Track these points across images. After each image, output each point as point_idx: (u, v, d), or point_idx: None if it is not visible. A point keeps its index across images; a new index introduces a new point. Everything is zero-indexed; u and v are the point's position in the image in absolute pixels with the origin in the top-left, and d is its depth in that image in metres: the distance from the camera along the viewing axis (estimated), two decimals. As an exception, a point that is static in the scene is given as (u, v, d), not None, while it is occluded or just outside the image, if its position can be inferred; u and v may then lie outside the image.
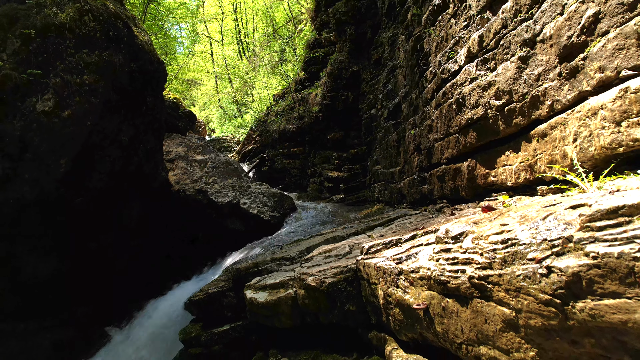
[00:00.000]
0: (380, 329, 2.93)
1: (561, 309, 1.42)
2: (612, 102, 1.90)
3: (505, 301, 1.64)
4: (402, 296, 2.32)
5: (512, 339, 1.64)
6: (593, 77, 2.04)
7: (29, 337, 6.41)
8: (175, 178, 10.10)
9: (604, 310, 1.30)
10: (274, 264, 4.67)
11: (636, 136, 1.77)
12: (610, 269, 1.28)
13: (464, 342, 1.90)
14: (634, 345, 1.25)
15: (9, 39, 6.14)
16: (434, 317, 2.08)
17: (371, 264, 2.72)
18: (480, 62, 3.19)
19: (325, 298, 3.24)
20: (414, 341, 2.43)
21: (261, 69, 22.66)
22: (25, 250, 6.73)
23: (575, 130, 2.18)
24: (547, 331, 1.49)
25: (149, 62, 8.06)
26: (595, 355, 1.38)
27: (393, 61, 7.87)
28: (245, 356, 4.41)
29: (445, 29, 4.19)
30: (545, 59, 2.44)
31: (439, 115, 4.08)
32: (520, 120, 2.77)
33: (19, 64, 6.07)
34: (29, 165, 6.21)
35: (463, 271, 1.89)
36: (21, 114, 5.98)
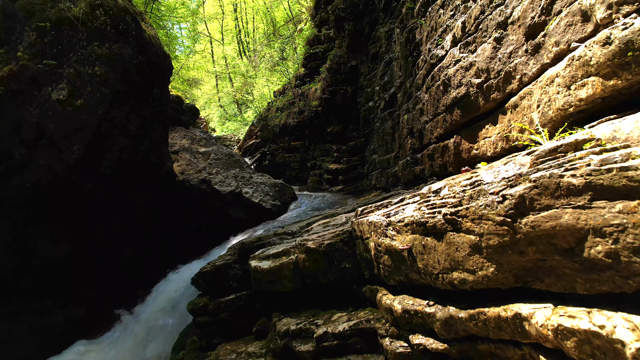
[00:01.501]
0: (372, 282, 3.28)
1: (511, 226, 1.77)
2: (563, 70, 2.25)
3: (471, 229, 1.99)
4: (390, 242, 2.67)
5: (476, 260, 2.00)
6: (551, 51, 2.39)
7: (44, 314, 6.76)
8: (179, 169, 10.45)
9: (540, 221, 1.65)
10: (277, 238, 5.02)
11: (581, 96, 2.12)
12: (544, 187, 1.63)
13: (440, 272, 2.25)
14: (561, 245, 1.60)
15: (25, 32, 6.49)
16: (416, 256, 2.43)
17: (364, 221, 3.08)
18: (463, 45, 3.53)
19: (324, 258, 3.59)
20: (400, 284, 2.78)
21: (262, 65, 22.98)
22: (40, 234, 7.08)
23: (538, 97, 2.53)
24: (502, 247, 1.84)
25: (156, 55, 8.41)
26: (536, 260, 1.73)
27: (389, 54, 8.22)
28: (250, 322, 4.75)
29: (435, 19, 4.55)
30: (515, 38, 2.79)
31: (429, 98, 4.44)
32: (496, 95, 3.12)
33: (34, 56, 6.42)
34: (44, 152, 6.56)
35: (439, 212, 2.24)
36: (37, 102, 6.33)
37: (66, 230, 7.42)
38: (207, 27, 36.26)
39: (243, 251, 4.97)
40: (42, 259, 7.11)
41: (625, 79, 1.83)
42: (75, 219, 7.51)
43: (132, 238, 8.62)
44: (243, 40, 34.68)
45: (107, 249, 8.08)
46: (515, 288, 1.90)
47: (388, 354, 2.75)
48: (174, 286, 7.21)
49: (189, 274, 7.11)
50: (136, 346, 6.55)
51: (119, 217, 8.37)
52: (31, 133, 6.34)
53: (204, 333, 5.05)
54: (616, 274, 1.45)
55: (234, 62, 31.89)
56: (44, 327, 6.66)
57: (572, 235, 1.55)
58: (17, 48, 6.49)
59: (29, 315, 6.62)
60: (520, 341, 1.85)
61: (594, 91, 2.03)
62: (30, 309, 6.72)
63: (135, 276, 8.10)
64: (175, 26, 30.42)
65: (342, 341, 3.16)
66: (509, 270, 1.86)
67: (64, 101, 6.51)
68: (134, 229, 8.70)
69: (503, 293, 1.96)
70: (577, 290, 1.62)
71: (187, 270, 7.39)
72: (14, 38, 6.55)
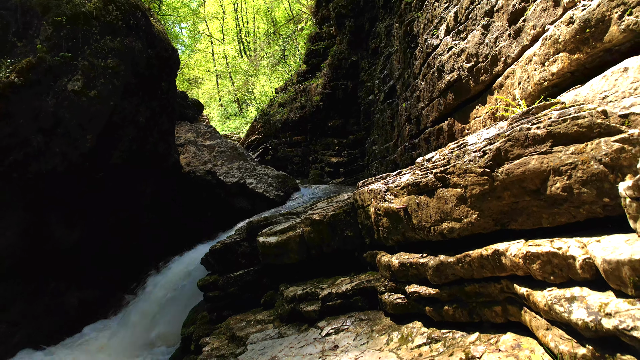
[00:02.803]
0: (372, 247, 3.61)
1: (490, 175, 2.10)
2: (539, 49, 2.57)
3: (457, 183, 2.32)
4: (389, 205, 3.00)
5: (462, 209, 2.32)
6: (529, 34, 2.71)
7: (59, 295, 7.08)
8: (185, 161, 10.78)
9: (513, 168, 1.98)
10: (282, 218, 5.35)
11: (553, 71, 2.44)
12: (516, 139, 1.96)
13: (432, 224, 2.58)
14: (530, 187, 1.93)
15: (42, 26, 6.82)
16: (411, 214, 2.76)
17: (365, 190, 3.41)
18: (455, 33, 3.86)
19: (328, 228, 3.92)
20: (398, 244, 3.11)
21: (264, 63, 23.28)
22: (54, 219, 7.40)
23: (519, 76, 2.85)
24: (483, 195, 2.17)
25: (164, 49, 8.73)
26: (510, 203, 2.06)
27: (389, 49, 8.55)
28: (258, 296, 5.07)
29: (431, 11, 4.88)
30: (500, 24, 3.11)
31: (425, 85, 4.76)
32: (485, 77, 3.44)
33: (51, 48, 6.75)
34: (60, 140, 6.88)
35: (431, 172, 2.57)
36: (54, 93, 6.66)
37: (78, 218, 7.74)
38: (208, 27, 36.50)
39: (251, 230, 5.29)
40: (55, 244, 7.43)
41: (586, 52, 2.15)
42: (86, 206, 7.83)
43: (140, 226, 8.93)
44: (244, 40, 34.89)
45: (116, 236, 8.39)
46: (495, 232, 2.23)
47: (387, 306, 3.08)
48: (182, 268, 7.53)
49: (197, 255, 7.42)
50: (146, 325, 6.86)
51: (128, 205, 8.69)
52: (48, 122, 6.66)
53: (214, 307, 5.37)
54: (571, 205, 1.78)
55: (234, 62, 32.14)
56: (59, 307, 6.98)
57: (537, 177, 1.88)
58: (34, 42, 6.81)
59: (46, 296, 6.94)
60: (499, 275, 2.17)
61: (562, 65, 2.35)
62: (46, 291, 7.04)
63: (144, 261, 8.42)
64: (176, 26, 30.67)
65: (345, 300, 3.49)
66: (489, 215, 2.19)
67: (78, 92, 6.83)
68: (141, 217, 9.02)
69: (485, 237, 2.28)
70: (543, 224, 1.95)
71: (195, 253, 7.71)
72: (31, 32, 6.88)
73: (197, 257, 7.32)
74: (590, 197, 1.69)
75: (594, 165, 1.65)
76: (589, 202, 1.71)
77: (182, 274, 7.48)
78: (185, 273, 7.48)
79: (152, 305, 7.28)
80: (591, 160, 1.66)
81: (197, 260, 7.08)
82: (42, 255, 7.13)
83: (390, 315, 3.10)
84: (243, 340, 4.04)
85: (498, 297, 2.24)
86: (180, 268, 7.66)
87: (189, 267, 7.63)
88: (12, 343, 6.12)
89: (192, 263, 7.45)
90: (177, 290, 7.04)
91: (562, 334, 1.71)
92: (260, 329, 4.17)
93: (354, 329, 3.22)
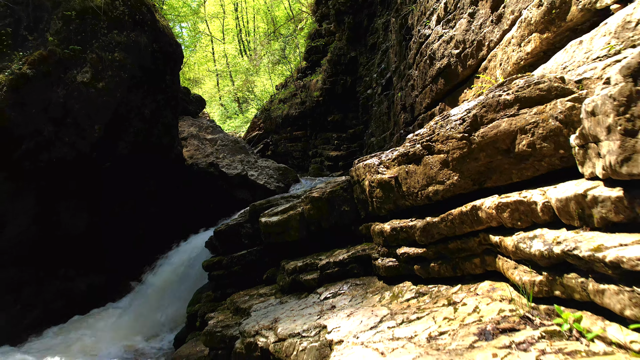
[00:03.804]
0: (367, 220, 3.88)
1: (468, 139, 2.37)
2: (516, 32, 2.84)
3: (441, 149, 2.59)
4: (382, 177, 3.27)
5: (445, 172, 2.60)
6: (509, 18, 2.98)
7: (68, 280, 7.36)
8: (188, 153, 11.06)
9: (487, 131, 2.25)
10: (284, 200, 5.62)
11: (528, 50, 2.71)
12: (490, 105, 2.23)
13: (419, 189, 2.85)
14: (502, 147, 2.20)
15: (52, 20, 7.10)
16: (401, 182, 3.04)
17: (360, 166, 3.68)
18: (445, 22, 4.13)
19: (326, 204, 4.19)
20: (390, 212, 3.38)
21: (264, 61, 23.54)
22: (63, 208, 7.68)
23: (500, 57, 3.13)
24: (462, 157, 2.44)
25: (169, 44, 9.01)
26: (486, 163, 2.33)
27: (386, 43, 8.83)
28: (260, 274, 5.34)
29: (424, 4, 5.15)
30: (484, 12, 3.38)
31: (418, 73, 5.04)
32: (471, 62, 3.71)
33: (61, 42, 7.03)
34: (69, 130, 7.16)
35: (419, 143, 2.85)
36: (64, 84, 6.93)
37: (85, 206, 8.02)
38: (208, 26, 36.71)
39: (254, 212, 5.57)
40: (64, 231, 7.71)
41: (553, 31, 2.42)
42: (93, 195, 8.10)
43: (145, 216, 9.20)
44: (244, 39, 35.08)
45: (122, 225, 8.66)
46: (474, 191, 2.50)
47: (380, 270, 3.36)
48: (186, 254, 7.81)
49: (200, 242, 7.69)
50: (152, 307, 7.14)
51: (133, 195, 8.97)
52: (58, 112, 6.94)
53: (218, 285, 5.65)
54: (534, 159, 2.05)
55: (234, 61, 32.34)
56: (69, 291, 7.26)
57: (508, 137, 2.16)
58: (44, 35, 7.09)
59: (56, 280, 7.22)
60: (477, 229, 2.44)
61: (535, 45, 2.63)
62: (57, 276, 7.32)
63: (149, 248, 8.70)
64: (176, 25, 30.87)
65: (341, 268, 3.77)
66: (468, 175, 2.46)
67: (87, 83, 7.11)
68: (146, 208, 9.29)
69: (465, 197, 2.55)
70: (513, 179, 2.22)
71: (198, 239, 7.99)
72: (41, 26, 7.16)
73: (201, 243, 7.60)
74: (550, 150, 1.97)
75: (551, 122, 1.93)
76: (549, 155, 1.98)
77: (186, 260, 7.76)
78: (189, 258, 7.76)
79: (158, 290, 7.56)
80: (550, 119, 1.94)
81: (201, 247, 7.37)
82: (52, 242, 7.41)
83: (383, 279, 3.38)
84: (247, 310, 4.32)
85: (477, 250, 2.51)
86: (184, 254, 7.94)
87: (192, 253, 7.91)
88: (24, 323, 6.39)
89: (196, 249, 7.73)
90: (182, 275, 7.32)
91: (525, 268, 1.99)
92: (263, 300, 4.44)
93: (350, 292, 3.50)
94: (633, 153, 1.31)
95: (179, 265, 7.63)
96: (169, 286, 7.37)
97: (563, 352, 1.48)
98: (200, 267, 6.97)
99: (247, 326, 3.59)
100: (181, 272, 7.38)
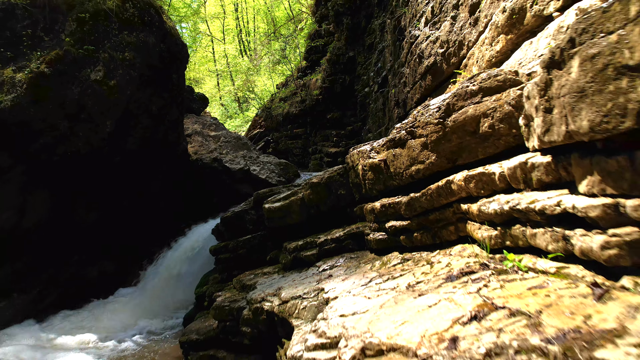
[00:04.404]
0: (361, 202, 4.32)
1: (443, 124, 2.81)
2: (488, 33, 3.28)
3: (421, 133, 3.03)
4: (372, 160, 3.71)
5: (425, 153, 3.04)
6: (483, 21, 3.42)
7: (81, 266, 7.80)
8: (193, 149, 11.50)
9: (457, 116, 2.69)
10: (285, 189, 6.06)
11: (497, 49, 3.15)
12: (460, 95, 2.67)
13: (404, 170, 3.29)
14: (469, 129, 2.64)
15: (67, 22, 7.54)
16: (389, 164, 3.48)
17: (354, 152, 4.13)
18: (432, 24, 4.57)
19: (325, 188, 4.64)
20: (380, 192, 3.82)
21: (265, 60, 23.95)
22: (77, 199, 8.13)
23: (477, 56, 3.56)
24: (438, 140, 2.88)
25: (175, 44, 9.45)
26: (457, 144, 2.77)
27: (382, 43, 9.27)
28: (264, 257, 5.78)
29: (414, 7, 5.60)
30: (464, 15, 3.82)
31: (409, 71, 5.48)
32: (454, 60, 4.15)
33: (75, 42, 7.47)
34: (83, 125, 7.61)
35: (404, 129, 3.29)
36: (78, 82, 7.38)
37: (97, 198, 8.47)
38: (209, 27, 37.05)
39: (258, 199, 6.01)
40: (78, 222, 8.16)
41: (515, 33, 2.86)
42: (104, 188, 8.55)
43: (152, 208, 9.65)
44: (244, 39, 35.40)
45: (130, 216, 9.10)
46: (448, 169, 2.94)
47: (371, 242, 3.80)
48: (192, 243, 8.25)
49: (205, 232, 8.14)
50: (161, 292, 7.59)
51: (140, 188, 9.41)
52: (73, 108, 7.39)
53: (224, 268, 6.09)
54: (494, 139, 2.50)
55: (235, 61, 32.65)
56: (83, 276, 7.71)
57: (474, 120, 2.60)
58: (59, 36, 7.54)
59: (71, 267, 7.66)
60: (451, 200, 2.88)
61: (502, 44, 3.06)
62: (71, 262, 7.76)
63: (156, 238, 9.14)
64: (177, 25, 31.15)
65: (338, 244, 4.21)
66: (444, 155, 2.90)
67: (100, 81, 7.56)
68: (153, 200, 9.73)
69: (441, 174, 2.99)
70: (479, 156, 2.66)
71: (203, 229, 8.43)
72: (56, 28, 7.60)
73: (205, 234, 8.06)
74: (505, 130, 2.41)
75: (506, 107, 2.37)
76: (505, 134, 2.42)
77: (192, 248, 8.20)
78: (195, 247, 8.21)
79: (165, 276, 8.01)
80: (504, 104, 2.38)
81: (205, 237, 7.83)
82: (65, 231, 7.86)
83: (374, 251, 3.82)
84: (252, 286, 4.75)
85: (452, 219, 2.95)
86: (190, 244, 8.38)
87: (197, 243, 8.36)
88: (44, 303, 6.83)
89: (201, 239, 8.18)
90: (188, 262, 7.77)
91: (485, 227, 2.43)
92: (267, 277, 4.88)
93: (345, 264, 3.94)
94: (550, 125, 1.75)
95: (185, 254, 8.07)
96: (176, 273, 7.81)
97: (504, 280, 1.92)
98: (205, 254, 7.43)
99: (254, 295, 4.03)
100: (187, 260, 7.82)
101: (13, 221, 7.07)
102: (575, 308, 1.40)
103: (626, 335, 1.12)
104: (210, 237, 7.48)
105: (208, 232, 7.71)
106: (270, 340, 3.94)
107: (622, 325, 1.17)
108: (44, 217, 7.55)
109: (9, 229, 6.99)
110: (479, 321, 1.57)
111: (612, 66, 1.34)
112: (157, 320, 6.60)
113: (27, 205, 7.21)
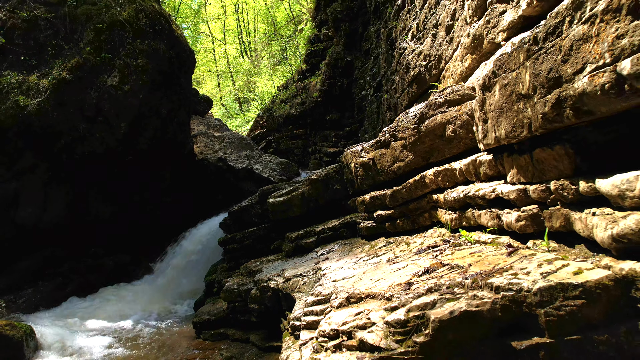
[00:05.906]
0: (354, 195, 4.93)
1: (418, 129, 3.42)
2: (460, 51, 3.88)
3: (401, 136, 3.64)
4: (363, 159, 4.32)
5: (404, 153, 3.65)
6: (456, 41, 4.02)
7: (98, 258, 8.41)
8: (198, 149, 12.11)
9: (429, 123, 3.30)
10: (287, 185, 6.67)
11: (466, 65, 3.74)
12: (430, 105, 3.29)
13: (388, 166, 3.90)
14: (438, 133, 3.25)
15: (85, 32, 8.15)
16: (376, 162, 4.09)
17: (348, 152, 4.74)
18: (417, 39, 5.17)
19: (322, 184, 5.25)
20: (370, 186, 4.43)
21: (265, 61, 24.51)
22: (92, 196, 8.75)
23: (452, 70, 4.16)
24: (415, 142, 3.49)
25: (183, 50, 10.06)
26: (430, 145, 3.38)
27: (378, 50, 9.87)
28: (268, 247, 6.39)
29: (404, 21, 6.20)
30: (442, 34, 4.42)
31: (399, 79, 6.08)
32: (435, 71, 4.75)
33: (93, 50, 8.08)
34: (100, 127, 8.22)
35: (388, 133, 3.90)
36: (96, 87, 7.99)
37: (111, 195, 9.08)
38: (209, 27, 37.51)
39: (262, 195, 6.62)
40: (93, 216, 8.78)
41: (477, 54, 3.46)
42: (117, 186, 9.16)
43: (161, 204, 10.25)
44: (244, 40, 35.87)
45: (141, 212, 9.70)
46: (423, 166, 3.55)
47: (362, 230, 4.41)
48: (200, 237, 8.86)
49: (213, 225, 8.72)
50: (172, 282, 8.20)
51: (151, 186, 10.02)
52: (91, 111, 8.00)
53: (232, 257, 6.69)
54: (457, 141, 3.11)
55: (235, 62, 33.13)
56: (99, 267, 8.31)
57: (441, 126, 3.21)
58: (78, 45, 8.15)
59: (88, 258, 8.27)
60: (425, 192, 3.49)
61: (469, 62, 3.67)
62: (88, 254, 8.37)
63: (166, 233, 9.75)
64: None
65: (334, 232, 4.82)
66: (420, 154, 3.51)
67: (116, 86, 8.17)
68: (162, 197, 10.34)
69: (418, 170, 3.60)
70: (446, 155, 3.27)
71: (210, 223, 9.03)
72: (75, 37, 8.22)
73: (210, 229, 8.66)
74: (464, 134, 3.02)
75: (464, 116, 2.98)
76: (464, 138, 3.03)
77: (200, 242, 8.80)
78: (202, 241, 8.81)
79: (176, 267, 8.62)
80: (463, 114, 2.99)
81: (211, 232, 8.43)
82: (83, 225, 8.48)
83: (365, 237, 4.44)
84: (258, 271, 5.36)
85: (427, 207, 3.56)
86: (197, 238, 8.98)
87: (204, 237, 8.95)
88: (66, 290, 7.45)
89: (207, 234, 8.77)
90: (196, 255, 8.37)
91: (449, 212, 3.04)
92: (271, 263, 5.49)
93: (339, 249, 4.55)
94: (487, 132, 2.37)
95: (193, 247, 8.68)
96: (186, 264, 8.42)
97: (455, 249, 2.54)
98: (211, 247, 8.04)
99: (261, 276, 4.65)
100: (195, 252, 8.43)
101: (36, 215, 7.69)
102: (492, 260, 2.02)
103: (510, 270, 1.74)
104: (215, 232, 8.09)
105: (213, 227, 8.32)
106: (275, 315, 4.54)
107: (511, 266, 1.79)
108: (62, 212, 8.17)
109: (33, 222, 7.61)
110: (430, 273, 2.18)
111: (515, 93, 1.96)
112: (170, 306, 7.21)
113: (47, 201, 7.82)
